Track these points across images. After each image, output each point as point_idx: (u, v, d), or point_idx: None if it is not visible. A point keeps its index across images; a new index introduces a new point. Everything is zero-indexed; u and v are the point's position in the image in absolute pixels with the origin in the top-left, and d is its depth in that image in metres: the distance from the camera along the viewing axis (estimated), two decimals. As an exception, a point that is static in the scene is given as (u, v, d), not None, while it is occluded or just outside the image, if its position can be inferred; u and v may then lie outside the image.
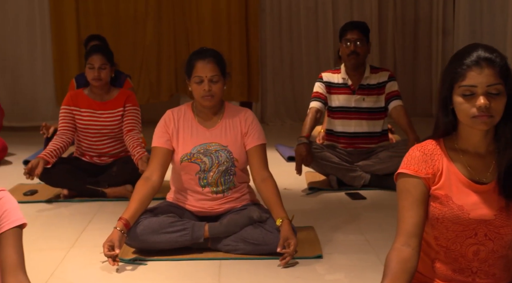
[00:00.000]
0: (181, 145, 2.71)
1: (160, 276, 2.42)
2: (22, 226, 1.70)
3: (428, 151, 1.70)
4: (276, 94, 6.76)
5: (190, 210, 2.73)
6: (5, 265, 1.64)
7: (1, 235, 1.66)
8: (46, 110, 6.50)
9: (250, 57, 6.62)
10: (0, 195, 1.71)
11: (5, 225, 1.67)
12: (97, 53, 3.62)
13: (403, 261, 1.60)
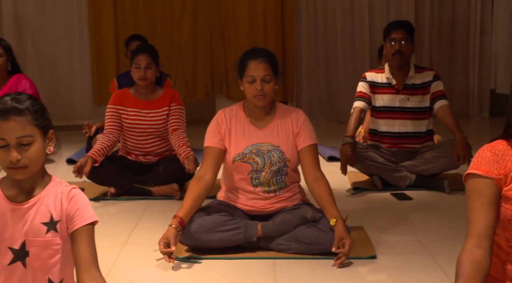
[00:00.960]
0: (233, 145, 2.72)
1: (215, 274, 2.43)
2: (94, 223, 1.73)
3: (499, 151, 1.67)
4: (311, 94, 6.75)
5: (241, 209, 2.74)
6: (79, 262, 1.66)
7: (74, 232, 1.69)
8: (83, 109, 6.58)
9: (285, 57, 6.63)
10: (73, 192, 1.74)
11: (78, 222, 1.70)
12: (143, 53, 3.66)
13: (475, 263, 1.59)
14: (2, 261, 1.68)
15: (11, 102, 1.66)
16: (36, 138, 1.67)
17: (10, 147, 1.64)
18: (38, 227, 1.68)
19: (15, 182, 1.70)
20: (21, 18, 6.42)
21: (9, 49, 4.79)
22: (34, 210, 1.69)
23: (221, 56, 6.53)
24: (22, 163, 1.65)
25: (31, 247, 1.68)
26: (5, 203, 1.69)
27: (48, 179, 1.75)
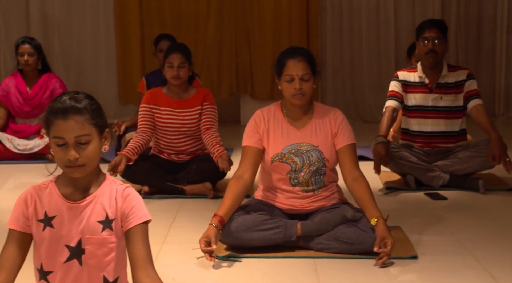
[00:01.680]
0: (272, 145, 2.72)
1: (257, 273, 2.44)
2: (148, 222, 1.75)
3: None
4: (336, 93, 6.74)
5: (280, 208, 2.75)
6: (135, 260, 1.68)
7: (129, 230, 1.71)
8: (108, 108, 6.61)
9: (310, 56, 6.60)
10: (127, 191, 1.75)
11: (133, 221, 1.71)
12: (176, 52, 3.67)
13: None
14: (59, 258, 1.70)
15: (69, 101, 1.68)
16: (93, 137, 1.69)
17: (69, 145, 1.66)
18: (94, 225, 1.70)
19: (71, 180, 1.72)
20: (48, 18, 6.48)
21: (40, 48, 4.85)
22: (90, 208, 1.71)
23: (246, 55, 6.53)
24: (80, 161, 1.66)
25: (87, 245, 1.70)
26: (62, 201, 1.71)
27: (102, 178, 1.77)
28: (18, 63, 4.82)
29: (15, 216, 1.71)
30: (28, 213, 1.71)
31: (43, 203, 1.71)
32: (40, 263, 1.71)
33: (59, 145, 1.67)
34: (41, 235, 1.70)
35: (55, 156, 1.70)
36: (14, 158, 4.70)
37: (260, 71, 6.55)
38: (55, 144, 1.67)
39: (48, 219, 1.70)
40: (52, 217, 1.70)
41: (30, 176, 4.49)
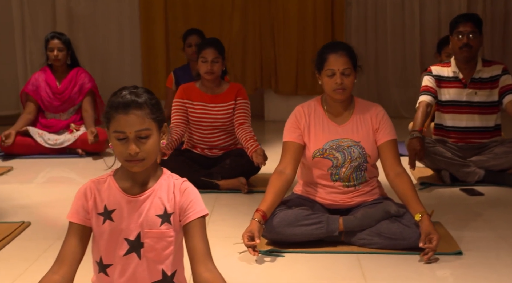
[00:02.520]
0: (313, 140, 2.72)
1: (301, 268, 2.44)
2: (205, 216, 1.75)
3: None
4: (360, 89, 6.69)
5: (320, 203, 2.74)
6: (194, 254, 1.69)
7: (188, 224, 1.72)
8: (133, 103, 6.64)
9: (335, 51, 6.58)
10: (185, 185, 1.76)
11: (191, 215, 1.72)
12: (210, 46, 3.67)
13: None
14: (118, 252, 1.71)
15: (130, 96, 1.69)
16: (153, 132, 1.69)
17: (129, 140, 1.67)
18: (152, 219, 1.71)
19: (129, 174, 1.73)
20: (74, 14, 6.51)
21: (69, 43, 4.88)
22: (148, 202, 1.72)
23: (270, 50, 6.52)
24: (140, 156, 1.67)
25: (146, 238, 1.71)
26: (121, 195, 1.72)
27: (160, 172, 1.78)
28: (48, 58, 4.85)
29: (75, 209, 1.73)
30: (88, 207, 1.72)
31: (103, 196, 1.73)
32: (99, 256, 1.73)
33: (119, 139, 1.68)
34: (100, 228, 1.71)
35: (114, 150, 1.71)
36: (44, 153, 4.73)
37: (284, 66, 6.54)
38: (116, 138, 1.68)
39: (108, 212, 1.71)
40: (112, 211, 1.71)
41: (60, 171, 4.53)
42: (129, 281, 1.71)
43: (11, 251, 2.63)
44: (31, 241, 2.78)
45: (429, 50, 6.67)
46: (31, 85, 4.86)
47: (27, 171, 4.35)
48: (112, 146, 1.73)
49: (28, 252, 2.63)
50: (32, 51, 6.51)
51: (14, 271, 2.40)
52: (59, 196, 3.65)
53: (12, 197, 3.58)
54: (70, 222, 1.73)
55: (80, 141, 4.72)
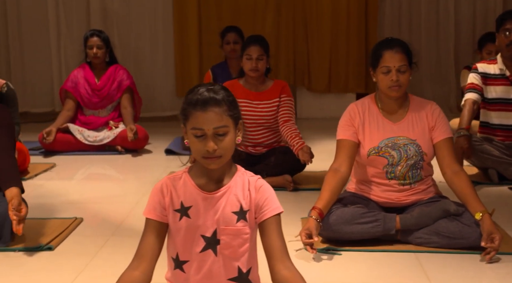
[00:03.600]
0: (368, 138, 2.70)
1: (361, 266, 2.42)
2: (280, 213, 1.74)
3: None
4: (393, 86, 6.65)
5: (375, 201, 2.72)
6: (272, 251, 1.68)
7: (264, 222, 1.71)
8: (165, 101, 6.67)
9: (368, 48, 6.52)
10: (260, 182, 1.75)
11: (267, 213, 1.72)
12: (255, 44, 3.67)
13: None
14: (195, 248, 1.71)
15: (208, 93, 1.68)
16: (230, 129, 1.69)
17: (207, 137, 1.67)
18: (229, 216, 1.71)
19: (205, 171, 1.73)
20: (108, 11, 6.54)
21: (108, 41, 4.91)
22: (224, 199, 1.72)
23: (303, 48, 6.50)
24: (217, 153, 1.67)
25: (222, 235, 1.71)
26: (197, 192, 1.72)
27: (234, 169, 1.78)
28: (87, 55, 4.88)
29: (152, 206, 1.73)
30: (165, 203, 1.72)
31: (179, 193, 1.73)
32: (176, 252, 1.73)
33: (197, 136, 1.68)
34: (177, 224, 1.71)
35: (191, 147, 1.71)
36: (84, 150, 4.77)
37: (318, 63, 6.51)
38: (193, 135, 1.68)
39: (185, 209, 1.72)
40: (188, 207, 1.71)
41: (100, 167, 4.56)
42: (205, 277, 1.71)
43: (68, 247, 2.65)
44: (87, 237, 2.80)
45: (464, 46, 6.61)
46: (70, 82, 4.90)
47: (69, 168, 4.38)
48: (188, 143, 1.73)
49: (86, 247, 2.65)
50: (66, 49, 6.56)
51: (75, 266, 2.42)
52: (105, 192, 3.68)
53: (60, 193, 3.61)
54: (147, 218, 1.73)
55: (119, 138, 4.74)
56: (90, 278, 2.32)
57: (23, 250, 2.56)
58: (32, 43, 6.59)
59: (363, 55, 6.53)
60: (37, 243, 2.61)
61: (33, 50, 6.59)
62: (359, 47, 6.49)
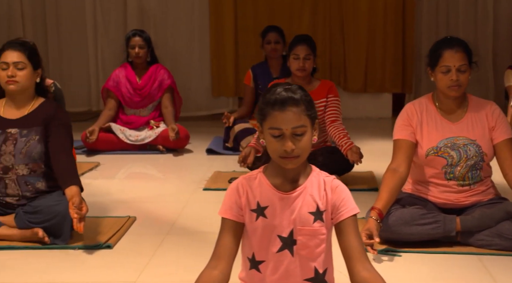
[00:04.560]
0: (426, 138, 2.66)
1: (422, 268, 2.39)
2: (356, 214, 1.73)
3: None
4: (431, 86, 6.50)
5: (433, 202, 2.69)
6: (350, 252, 1.66)
7: (341, 222, 1.69)
8: (200, 101, 6.68)
9: (405, 48, 6.49)
10: (335, 183, 1.74)
11: (344, 213, 1.70)
12: (302, 43, 3.65)
13: None
14: (271, 248, 1.70)
15: (285, 92, 1.67)
16: (307, 128, 1.68)
17: (285, 136, 1.66)
18: (305, 216, 1.70)
19: (281, 171, 1.72)
20: (145, 11, 6.58)
21: (149, 41, 4.93)
22: (300, 199, 1.71)
23: (340, 47, 6.46)
24: (295, 152, 1.66)
25: (299, 235, 1.69)
26: (273, 192, 1.71)
27: (309, 169, 1.76)
28: (129, 55, 4.90)
29: (228, 206, 1.73)
30: (241, 203, 1.72)
31: (255, 193, 1.72)
32: (251, 252, 1.72)
33: (275, 136, 1.67)
34: (254, 224, 1.71)
35: (269, 147, 1.70)
36: (125, 149, 4.79)
37: (354, 63, 6.47)
38: (271, 135, 1.67)
39: (261, 209, 1.71)
40: (265, 207, 1.71)
41: (141, 167, 4.59)
42: (282, 278, 1.70)
43: (126, 245, 2.67)
44: (142, 235, 2.81)
45: (502, 46, 6.51)
46: (112, 81, 4.93)
47: (112, 167, 4.41)
48: (264, 142, 1.72)
49: (143, 246, 2.66)
50: (103, 49, 6.62)
51: (136, 264, 2.43)
52: (153, 191, 3.69)
53: (108, 192, 3.63)
54: (223, 218, 1.73)
55: (161, 137, 4.76)
56: (153, 276, 2.33)
57: (83, 248, 2.58)
58: (69, 43, 6.66)
59: (399, 55, 6.48)
60: (96, 241, 2.63)
61: (71, 50, 6.65)
62: (395, 47, 6.44)
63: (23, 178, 2.72)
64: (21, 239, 2.63)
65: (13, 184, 2.72)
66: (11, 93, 2.75)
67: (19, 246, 2.60)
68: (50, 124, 2.73)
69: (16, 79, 2.71)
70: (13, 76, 2.70)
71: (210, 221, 3.02)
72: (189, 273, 2.34)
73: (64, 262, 2.47)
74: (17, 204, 2.73)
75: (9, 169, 2.71)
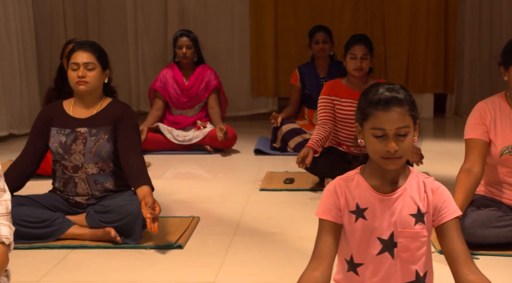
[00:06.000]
0: (500, 137, 2.61)
1: (502, 273, 2.34)
2: (459, 217, 1.69)
3: None
4: (473, 86, 6.51)
5: (507, 204, 2.64)
6: (455, 255, 1.63)
7: (443, 225, 1.66)
8: (240, 101, 6.67)
9: (447, 48, 6.42)
10: (436, 184, 1.71)
11: (447, 215, 1.67)
12: (359, 43, 3.62)
13: None
14: (371, 251, 1.68)
15: (389, 92, 1.65)
16: (411, 129, 1.65)
17: (388, 137, 1.63)
18: (406, 218, 1.67)
19: (380, 172, 1.69)
20: (185, 12, 6.59)
21: (196, 41, 4.93)
22: (400, 201, 1.68)
23: (380, 47, 6.40)
24: (398, 153, 1.63)
25: (400, 238, 1.67)
26: (372, 194, 1.69)
27: (408, 170, 1.73)
28: (175, 55, 4.91)
29: (327, 207, 1.71)
30: (340, 204, 1.70)
31: (353, 194, 1.70)
32: (350, 254, 1.70)
33: (377, 136, 1.64)
34: (353, 226, 1.68)
35: (369, 147, 1.67)
36: (173, 149, 4.80)
37: (395, 63, 6.42)
38: (373, 135, 1.65)
39: (360, 210, 1.68)
40: (364, 209, 1.68)
41: (188, 167, 4.59)
42: (382, 281, 1.68)
43: (196, 245, 2.66)
44: (210, 236, 2.80)
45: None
46: (159, 82, 4.94)
47: (163, 166, 4.42)
48: (364, 143, 1.70)
49: (213, 246, 2.65)
50: (144, 50, 6.64)
51: (211, 265, 2.42)
52: (209, 192, 3.69)
53: (164, 192, 3.62)
54: (322, 219, 1.71)
55: (208, 137, 4.76)
56: (230, 276, 2.32)
57: (155, 247, 2.59)
58: (111, 43, 6.67)
59: (441, 55, 6.41)
60: (166, 241, 2.63)
61: (112, 51, 6.60)
62: (437, 47, 6.38)
63: (93, 177, 2.73)
64: (93, 238, 2.65)
65: (83, 183, 2.74)
66: (81, 94, 2.77)
67: (92, 245, 2.61)
68: (119, 124, 2.74)
69: (86, 80, 2.73)
70: (83, 76, 2.72)
71: (274, 222, 3.02)
72: (267, 273, 2.34)
73: (139, 261, 2.48)
74: (86, 203, 2.75)
75: (79, 168, 2.73)
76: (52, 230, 2.63)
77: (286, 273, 2.33)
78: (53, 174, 2.82)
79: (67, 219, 2.68)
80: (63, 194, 2.77)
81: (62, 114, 2.78)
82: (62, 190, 2.77)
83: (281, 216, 3.12)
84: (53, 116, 2.77)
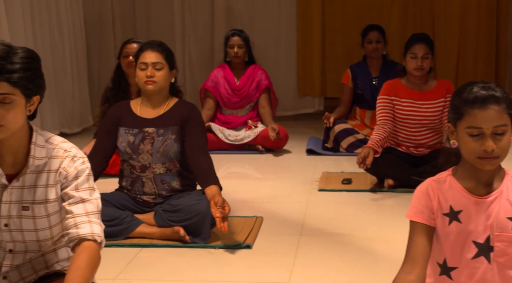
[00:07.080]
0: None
1: None
2: None
3: None
4: (524, 84, 6.36)
5: None
6: None
7: None
8: (286, 101, 6.62)
9: (499, 47, 6.27)
10: None
11: None
12: (420, 42, 3.57)
13: None
14: (466, 255, 1.64)
15: (486, 90, 1.61)
16: (509, 128, 1.60)
17: (485, 136, 1.58)
18: (503, 222, 1.62)
19: (473, 173, 1.65)
20: (232, 11, 6.59)
21: (248, 40, 4.93)
22: (497, 204, 1.63)
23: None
24: (495, 153, 1.58)
25: (496, 242, 1.62)
26: (467, 196, 1.64)
27: (503, 172, 1.68)
28: (227, 55, 4.91)
29: (419, 209, 1.67)
30: (432, 206, 1.66)
31: (447, 196, 1.66)
32: (443, 258, 1.66)
33: (473, 135, 1.60)
34: (446, 229, 1.64)
35: (464, 147, 1.63)
36: (224, 148, 4.80)
37: (444, 62, 6.30)
38: (468, 134, 1.60)
39: (454, 213, 1.64)
40: (459, 212, 1.64)
41: (239, 166, 4.59)
42: (477, 285, 1.64)
43: (264, 245, 2.65)
44: (276, 236, 2.79)
45: None
46: (210, 82, 4.95)
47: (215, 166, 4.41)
48: (457, 143, 1.66)
49: (281, 246, 2.64)
50: (191, 50, 6.67)
51: (282, 265, 2.42)
52: (268, 192, 3.68)
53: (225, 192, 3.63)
54: (413, 221, 1.67)
55: (260, 137, 4.75)
56: (304, 277, 2.31)
57: (223, 247, 2.58)
58: (158, 43, 6.76)
59: (492, 54, 6.27)
60: (234, 241, 2.63)
61: (159, 50, 6.74)
62: (488, 46, 6.24)
63: (160, 176, 2.75)
64: (161, 237, 2.66)
65: (150, 183, 2.75)
66: (149, 93, 2.79)
67: (161, 244, 2.63)
68: (186, 124, 2.75)
69: (154, 79, 2.74)
70: (151, 76, 2.74)
71: (339, 222, 2.99)
72: (340, 275, 2.32)
73: (209, 260, 2.48)
74: (153, 202, 2.77)
75: (147, 167, 2.74)
76: (122, 229, 2.66)
77: (360, 275, 2.31)
78: (120, 173, 2.85)
79: (135, 218, 2.70)
80: (131, 192, 2.80)
81: (129, 114, 2.80)
82: (129, 189, 2.80)
83: (344, 216, 3.09)
84: (121, 116, 2.80)
